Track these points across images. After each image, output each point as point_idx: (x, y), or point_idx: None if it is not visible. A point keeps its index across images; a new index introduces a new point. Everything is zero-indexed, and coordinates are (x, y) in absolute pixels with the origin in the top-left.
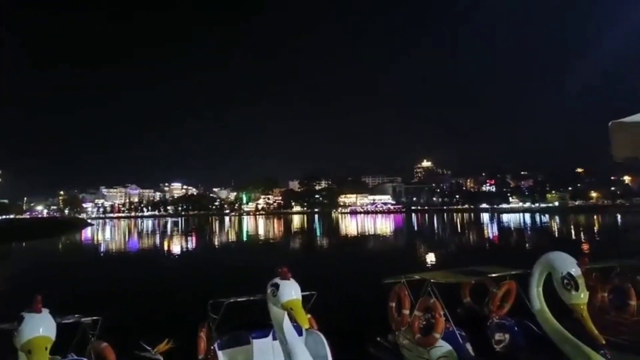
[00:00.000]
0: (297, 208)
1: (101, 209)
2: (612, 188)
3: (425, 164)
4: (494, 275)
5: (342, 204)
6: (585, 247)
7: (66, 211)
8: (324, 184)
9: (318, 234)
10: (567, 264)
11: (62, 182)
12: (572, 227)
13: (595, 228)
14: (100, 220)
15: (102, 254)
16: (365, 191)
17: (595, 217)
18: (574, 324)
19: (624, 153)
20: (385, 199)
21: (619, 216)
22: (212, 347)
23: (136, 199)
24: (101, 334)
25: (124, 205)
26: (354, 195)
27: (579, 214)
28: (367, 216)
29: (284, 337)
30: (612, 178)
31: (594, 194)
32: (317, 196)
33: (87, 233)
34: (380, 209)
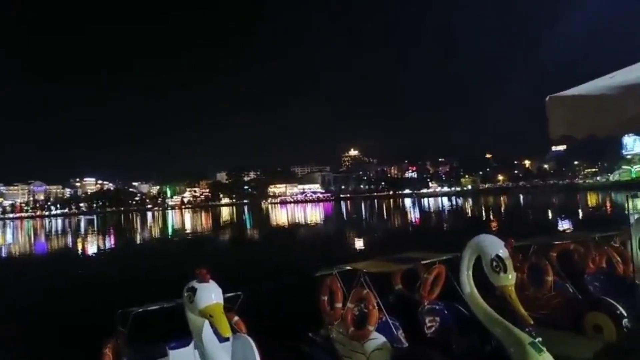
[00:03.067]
0: (225, 200)
1: (0, 209)
2: (515, 171)
3: (352, 152)
4: (425, 261)
5: (271, 194)
6: (493, 225)
7: None
8: (252, 175)
9: (248, 226)
10: (496, 247)
11: None
12: (483, 208)
13: (502, 208)
14: None
15: None
16: (295, 181)
17: (502, 198)
18: (500, 304)
19: (560, 130)
20: (314, 188)
21: (521, 197)
22: None
23: (42, 197)
24: None
25: (27, 204)
26: (284, 185)
27: (489, 195)
28: (297, 205)
29: (203, 346)
30: (515, 162)
31: (500, 177)
32: (246, 187)
33: None
34: (310, 197)
